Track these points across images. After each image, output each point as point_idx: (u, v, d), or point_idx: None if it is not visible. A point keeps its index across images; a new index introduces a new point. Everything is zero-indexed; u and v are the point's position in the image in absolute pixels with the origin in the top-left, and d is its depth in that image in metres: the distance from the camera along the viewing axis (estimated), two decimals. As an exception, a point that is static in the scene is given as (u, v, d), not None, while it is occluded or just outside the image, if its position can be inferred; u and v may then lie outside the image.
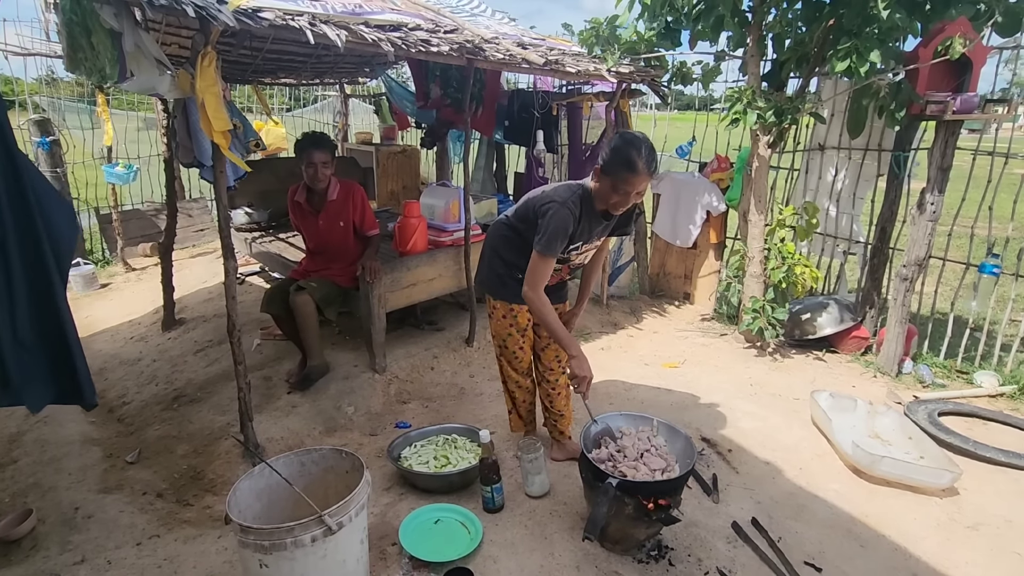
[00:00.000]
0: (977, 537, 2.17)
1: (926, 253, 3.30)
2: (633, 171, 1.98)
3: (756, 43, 3.46)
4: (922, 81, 3.03)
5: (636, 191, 2.03)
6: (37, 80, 6.80)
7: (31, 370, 1.83)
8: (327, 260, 3.25)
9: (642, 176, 1.99)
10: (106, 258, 5.81)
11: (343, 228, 3.18)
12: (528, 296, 2.14)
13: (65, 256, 1.88)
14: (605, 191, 2.07)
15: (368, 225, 3.24)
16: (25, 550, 2.07)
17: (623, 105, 4.16)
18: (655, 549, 2.03)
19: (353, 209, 3.18)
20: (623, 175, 1.99)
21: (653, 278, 4.84)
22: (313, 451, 1.94)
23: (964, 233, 3.88)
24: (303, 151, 3.02)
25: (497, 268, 2.37)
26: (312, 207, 3.16)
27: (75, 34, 2.23)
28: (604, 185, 2.07)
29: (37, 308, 1.80)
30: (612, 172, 2.02)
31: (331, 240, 3.20)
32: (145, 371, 3.54)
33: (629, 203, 2.09)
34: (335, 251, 3.23)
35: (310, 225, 3.20)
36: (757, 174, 3.62)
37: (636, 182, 2.00)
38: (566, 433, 2.57)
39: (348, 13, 2.64)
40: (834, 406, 2.83)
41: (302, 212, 3.19)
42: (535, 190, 2.31)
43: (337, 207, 3.15)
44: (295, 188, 3.21)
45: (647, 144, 2.00)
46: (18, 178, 1.72)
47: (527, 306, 2.39)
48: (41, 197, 1.79)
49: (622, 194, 2.03)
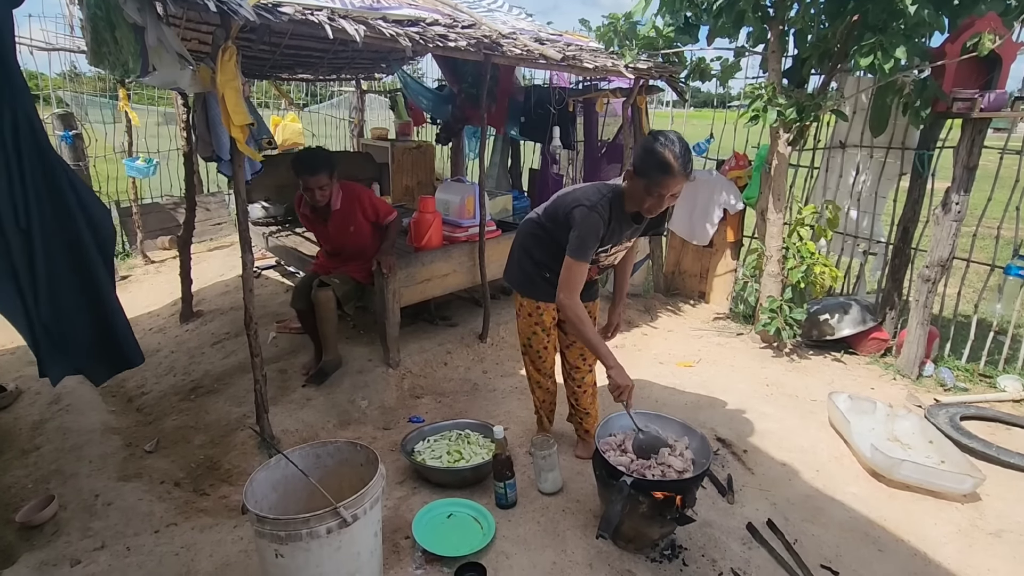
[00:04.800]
0: (1000, 544, 2.12)
1: (950, 254, 3.23)
2: (668, 173, 1.90)
3: (777, 39, 3.41)
4: (948, 78, 2.96)
5: (671, 193, 1.96)
6: (60, 75, 6.93)
7: (82, 348, 2.00)
8: (344, 259, 3.27)
9: (678, 178, 1.91)
10: (126, 251, 5.90)
11: (354, 232, 3.17)
12: (564, 303, 2.09)
13: (108, 243, 2.00)
14: (638, 193, 2.01)
15: (384, 215, 3.21)
16: (47, 535, 2.12)
17: (640, 102, 4.12)
18: (669, 548, 2.02)
19: (362, 211, 3.15)
20: (658, 177, 1.92)
21: (668, 276, 4.80)
22: (328, 444, 1.95)
23: (989, 234, 3.80)
24: (298, 175, 2.94)
25: (526, 266, 2.35)
26: (319, 216, 3.14)
27: (99, 29, 2.27)
28: (637, 187, 2.00)
29: (84, 292, 1.95)
30: (646, 174, 1.94)
31: (345, 243, 3.20)
32: (163, 362, 3.59)
33: (664, 206, 2.02)
34: (351, 251, 3.24)
35: (321, 231, 3.21)
36: (776, 172, 3.57)
37: (671, 184, 1.93)
38: (591, 432, 2.55)
39: (366, 8, 2.65)
40: (852, 408, 2.79)
41: (310, 220, 3.19)
42: (565, 189, 2.27)
43: (343, 215, 3.11)
44: (299, 197, 3.14)
45: (683, 144, 1.93)
46: (54, 175, 1.80)
47: (553, 305, 2.38)
48: (81, 193, 1.89)
49: (656, 197, 1.96)
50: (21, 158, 1.74)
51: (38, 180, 1.78)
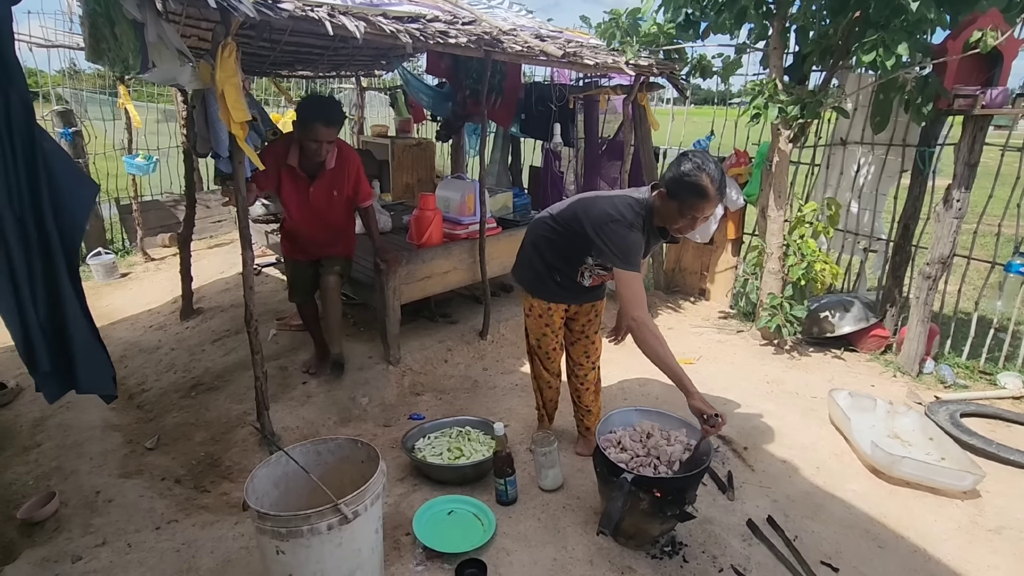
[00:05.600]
0: (1000, 541, 2.12)
1: (951, 251, 3.23)
2: (704, 198, 1.88)
3: (779, 35, 3.40)
4: (950, 75, 2.96)
5: (704, 216, 1.95)
6: (60, 72, 6.91)
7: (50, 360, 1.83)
8: (311, 237, 2.95)
9: (713, 201, 1.90)
10: (126, 248, 5.90)
11: (335, 200, 2.88)
12: (638, 321, 1.95)
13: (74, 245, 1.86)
14: (671, 214, 1.99)
15: (363, 195, 2.97)
16: (48, 532, 2.12)
17: (641, 99, 4.11)
18: (669, 545, 2.02)
19: (347, 179, 2.88)
20: (691, 201, 1.90)
21: (668, 274, 4.80)
22: (329, 440, 1.95)
23: (990, 231, 3.79)
24: (306, 123, 2.63)
25: (536, 266, 2.32)
26: (306, 172, 2.80)
27: (98, 24, 2.26)
28: (670, 208, 1.98)
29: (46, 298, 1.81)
30: (679, 196, 1.92)
31: (319, 212, 2.87)
32: (164, 359, 3.59)
33: (696, 227, 2.01)
34: (318, 223, 2.90)
35: (298, 191, 2.82)
36: (777, 169, 3.57)
37: (706, 208, 1.92)
38: (592, 429, 2.55)
39: (367, 4, 2.64)
40: (853, 405, 2.79)
41: (292, 177, 2.80)
42: (587, 195, 2.23)
43: (332, 176, 2.83)
44: (283, 147, 2.77)
45: (719, 168, 1.91)
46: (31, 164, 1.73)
47: (563, 306, 2.37)
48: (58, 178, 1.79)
49: (689, 219, 1.96)
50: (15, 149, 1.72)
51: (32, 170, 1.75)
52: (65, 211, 1.83)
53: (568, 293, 2.33)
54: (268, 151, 2.80)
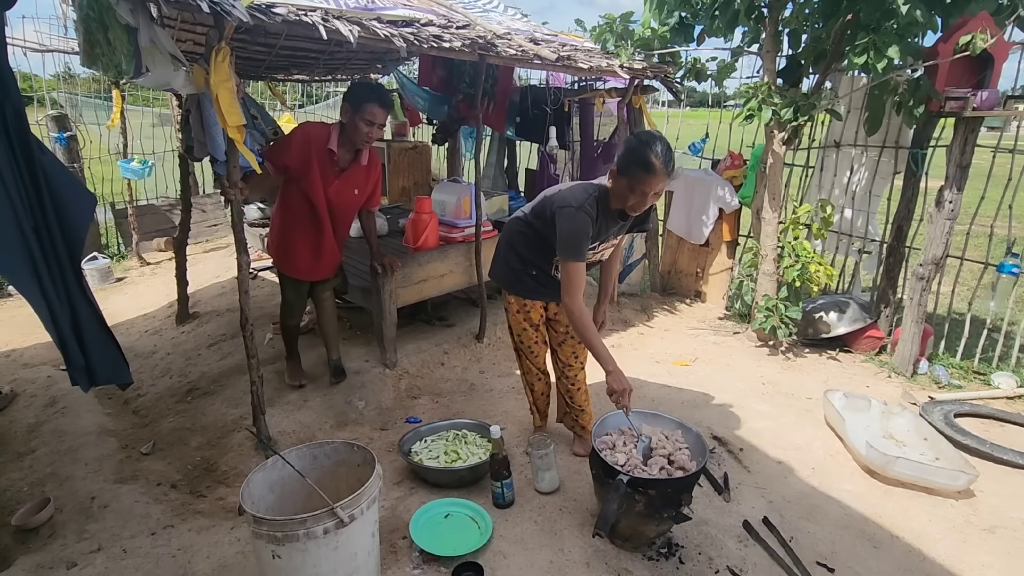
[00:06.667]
0: (994, 540, 2.13)
1: (944, 252, 3.25)
2: (650, 172, 1.95)
3: (772, 38, 3.42)
4: (941, 77, 2.98)
5: (653, 191, 2.00)
6: (55, 76, 6.89)
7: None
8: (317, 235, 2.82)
9: (659, 176, 1.96)
10: (121, 252, 5.89)
11: (355, 197, 2.83)
12: (569, 307, 2.10)
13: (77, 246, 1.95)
14: (622, 192, 2.05)
15: (375, 200, 2.99)
16: (43, 538, 2.11)
17: (636, 101, 4.13)
18: (665, 547, 2.03)
19: (370, 180, 2.87)
20: (639, 176, 1.97)
21: (664, 276, 4.81)
22: (325, 444, 1.95)
23: (983, 232, 3.81)
24: (363, 103, 2.53)
25: (512, 263, 2.37)
26: (340, 164, 2.70)
27: (92, 29, 2.26)
28: (620, 186, 2.04)
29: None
30: (628, 173, 1.99)
31: (335, 205, 2.78)
32: (159, 364, 3.58)
33: (647, 204, 2.06)
34: (331, 219, 2.81)
35: (324, 180, 2.67)
36: (771, 171, 3.59)
37: (653, 183, 1.97)
38: (587, 429, 2.56)
39: (361, 8, 2.64)
40: (848, 406, 2.81)
41: (326, 162, 2.65)
42: (552, 188, 2.30)
43: (361, 173, 2.79)
44: (324, 128, 2.65)
45: (663, 143, 1.97)
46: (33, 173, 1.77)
47: (540, 302, 2.41)
48: (57, 189, 1.85)
49: (639, 195, 2.01)
50: (18, 161, 1.73)
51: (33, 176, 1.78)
52: (66, 221, 1.89)
53: (544, 289, 2.36)
54: (303, 130, 2.66)
